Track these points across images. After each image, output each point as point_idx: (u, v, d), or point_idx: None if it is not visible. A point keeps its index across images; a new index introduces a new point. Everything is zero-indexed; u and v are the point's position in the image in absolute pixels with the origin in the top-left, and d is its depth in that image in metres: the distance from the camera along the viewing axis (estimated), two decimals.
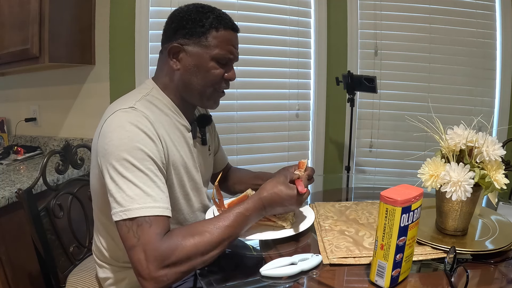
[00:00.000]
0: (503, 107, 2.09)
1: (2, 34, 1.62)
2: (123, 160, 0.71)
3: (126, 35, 1.83)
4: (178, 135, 0.89)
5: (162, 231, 0.69)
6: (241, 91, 2.01)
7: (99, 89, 1.87)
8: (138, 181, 0.71)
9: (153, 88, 0.89)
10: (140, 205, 0.69)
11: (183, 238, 0.69)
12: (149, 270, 0.65)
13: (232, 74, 0.91)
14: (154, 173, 0.74)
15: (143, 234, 0.67)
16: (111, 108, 0.80)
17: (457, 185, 0.72)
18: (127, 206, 0.69)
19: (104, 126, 0.77)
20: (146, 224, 0.68)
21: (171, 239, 0.68)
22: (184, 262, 0.67)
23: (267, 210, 0.79)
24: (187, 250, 0.67)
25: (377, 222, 0.64)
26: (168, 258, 0.66)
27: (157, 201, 0.71)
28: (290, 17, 2.05)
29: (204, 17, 0.84)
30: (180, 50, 0.85)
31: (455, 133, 0.78)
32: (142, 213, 0.68)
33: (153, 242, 0.66)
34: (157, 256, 0.66)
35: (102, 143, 0.75)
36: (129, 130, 0.74)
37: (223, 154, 1.22)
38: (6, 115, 2.04)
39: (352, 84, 1.81)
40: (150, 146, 0.75)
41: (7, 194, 1.25)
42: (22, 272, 1.33)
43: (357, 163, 2.24)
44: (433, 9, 2.06)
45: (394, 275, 0.64)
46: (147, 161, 0.73)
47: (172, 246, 0.67)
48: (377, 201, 0.67)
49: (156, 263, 0.65)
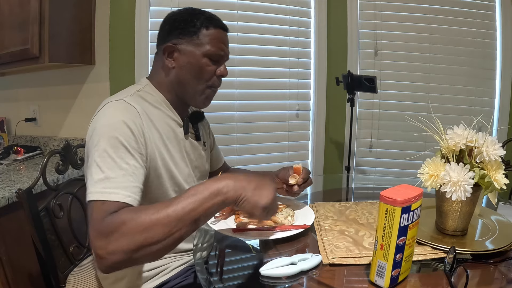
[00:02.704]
0: (503, 107, 2.09)
1: (2, 34, 1.62)
2: (99, 146, 0.74)
3: (126, 35, 1.84)
4: (167, 129, 0.92)
5: (113, 211, 0.67)
6: (241, 91, 2.01)
7: (99, 89, 1.87)
8: (105, 167, 0.72)
9: (147, 85, 0.94)
10: (100, 189, 0.70)
11: (135, 211, 0.66)
12: (95, 248, 0.63)
13: (224, 70, 0.95)
14: (124, 161, 0.74)
15: (94, 212, 0.67)
16: (104, 102, 0.84)
17: (457, 185, 0.72)
18: (90, 189, 0.71)
19: (94, 118, 0.81)
20: (99, 204, 0.68)
21: (117, 214, 0.65)
22: (137, 233, 0.62)
23: (238, 188, 0.69)
24: (137, 221, 0.63)
25: (377, 222, 0.64)
26: (110, 233, 0.62)
27: (118, 188, 0.70)
28: (290, 17, 2.05)
29: (195, 18, 0.90)
30: (174, 49, 0.90)
31: (455, 133, 0.78)
32: (99, 197, 0.69)
33: (99, 219, 0.65)
34: (99, 231, 0.63)
35: (88, 132, 0.79)
36: (111, 120, 0.77)
37: (219, 153, 1.24)
38: (6, 115, 2.04)
39: (352, 84, 1.81)
40: (127, 136, 0.77)
41: (7, 194, 1.25)
42: (22, 272, 1.33)
43: (357, 163, 2.24)
44: (433, 9, 2.06)
45: (394, 275, 0.64)
46: (119, 149, 0.75)
47: (116, 220, 0.64)
48: (377, 201, 0.67)
49: (98, 239, 0.63)
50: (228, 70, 0.97)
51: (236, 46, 1.95)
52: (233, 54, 1.94)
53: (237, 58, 1.97)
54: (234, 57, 1.96)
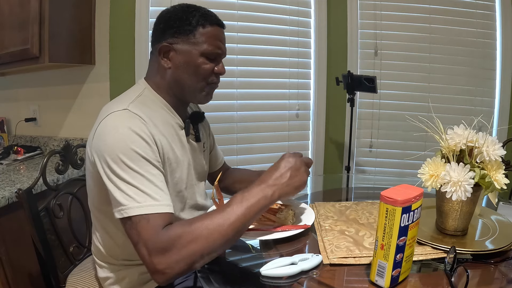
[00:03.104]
0: (503, 107, 2.09)
1: (2, 34, 1.62)
2: (119, 161, 0.73)
3: (126, 35, 1.84)
4: (172, 133, 0.91)
5: (162, 224, 0.70)
6: (241, 91, 2.01)
7: (99, 89, 1.87)
8: (135, 182, 0.72)
9: (145, 88, 0.92)
10: (140, 203, 0.71)
11: (189, 224, 0.70)
12: (154, 264, 0.67)
13: (221, 68, 0.93)
14: (150, 173, 0.75)
15: (143, 230, 0.69)
16: (106, 110, 0.82)
17: (457, 185, 0.72)
18: (127, 204, 0.71)
19: (98, 128, 0.79)
20: (145, 221, 0.70)
21: (172, 229, 0.69)
22: (194, 243, 0.68)
23: (273, 182, 0.79)
24: (195, 233, 0.68)
25: (377, 222, 0.64)
26: (169, 248, 0.67)
27: (156, 199, 0.72)
28: (290, 17, 2.05)
29: (190, 15, 0.87)
30: (170, 49, 0.88)
31: (455, 133, 0.78)
32: (141, 211, 0.70)
33: (152, 236, 0.68)
34: (157, 248, 0.67)
35: (97, 144, 0.77)
36: (122, 132, 0.76)
37: (218, 153, 1.23)
38: (6, 115, 2.04)
39: (352, 84, 1.81)
40: (143, 147, 0.76)
41: (7, 194, 1.25)
42: (22, 272, 1.33)
43: (357, 163, 2.24)
44: (433, 9, 2.06)
45: (394, 275, 0.64)
46: (141, 161, 0.75)
47: (172, 235, 0.68)
48: (377, 201, 0.67)
49: (157, 256, 0.67)
50: (228, 70, 0.95)
51: (236, 46, 1.95)
52: (233, 54, 1.95)
53: (237, 58, 1.97)
54: (234, 57, 1.96)
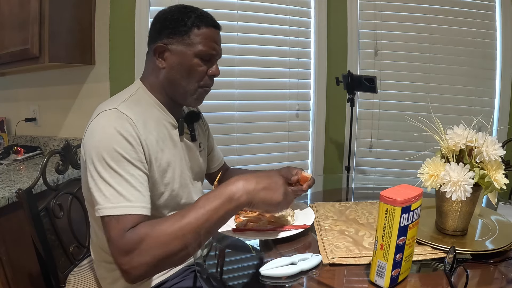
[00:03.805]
0: (503, 107, 2.09)
1: (2, 34, 1.62)
2: (102, 160, 0.75)
3: (126, 35, 1.84)
4: (163, 132, 0.91)
5: (130, 226, 0.70)
6: (241, 91, 2.01)
7: (99, 89, 1.87)
8: (113, 181, 0.74)
9: (140, 87, 0.93)
10: (113, 204, 0.72)
11: (152, 226, 0.69)
12: (119, 264, 0.68)
13: (215, 70, 0.93)
14: (129, 174, 0.76)
15: (111, 230, 0.70)
16: (98, 109, 0.83)
17: (457, 185, 0.72)
18: (102, 204, 0.73)
19: (89, 126, 0.81)
20: (115, 221, 0.71)
21: (135, 232, 0.69)
22: (156, 248, 0.67)
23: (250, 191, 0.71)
24: (156, 237, 0.67)
25: (377, 222, 0.64)
26: (131, 250, 0.67)
27: (129, 201, 0.73)
28: (290, 17, 2.05)
29: (186, 16, 0.88)
30: (165, 49, 0.89)
31: (455, 133, 0.78)
32: (114, 212, 0.71)
33: (118, 237, 0.69)
34: (121, 249, 0.68)
35: (86, 142, 0.79)
36: (108, 132, 0.77)
37: (218, 154, 1.23)
38: (6, 115, 2.04)
39: (352, 84, 1.81)
40: (126, 148, 0.77)
41: (7, 194, 1.25)
42: (22, 272, 1.33)
43: (357, 163, 2.24)
44: (433, 9, 2.06)
45: (394, 275, 0.64)
46: (122, 162, 0.75)
47: (135, 238, 0.68)
48: (377, 201, 0.67)
49: (122, 257, 0.68)
50: (228, 70, 0.95)
51: (236, 46, 1.95)
52: (233, 54, 1.95)
53: (237, 58, 1.96)
54: (234, 57, 1.95)
